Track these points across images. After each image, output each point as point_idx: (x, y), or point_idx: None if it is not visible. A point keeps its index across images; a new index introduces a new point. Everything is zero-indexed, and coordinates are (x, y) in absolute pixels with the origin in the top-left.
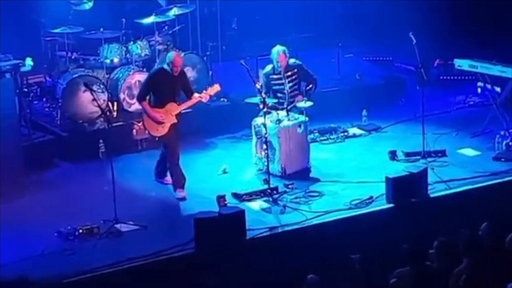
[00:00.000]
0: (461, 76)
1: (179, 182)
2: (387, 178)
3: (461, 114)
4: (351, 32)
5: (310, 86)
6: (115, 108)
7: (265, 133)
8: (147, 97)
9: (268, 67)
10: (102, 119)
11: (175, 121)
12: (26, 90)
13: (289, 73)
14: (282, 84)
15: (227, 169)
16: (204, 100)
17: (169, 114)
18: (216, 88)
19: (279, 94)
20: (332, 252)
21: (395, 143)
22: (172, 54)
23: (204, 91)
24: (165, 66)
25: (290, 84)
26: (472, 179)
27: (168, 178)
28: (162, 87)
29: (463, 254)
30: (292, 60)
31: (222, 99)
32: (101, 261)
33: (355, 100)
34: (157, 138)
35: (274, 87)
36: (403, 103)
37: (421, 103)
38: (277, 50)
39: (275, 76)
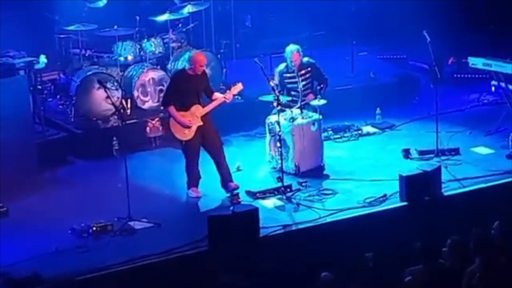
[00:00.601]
0: (475, 74)
1: (194, 181)
2: (400, 176)
3: (474, 113)
4: (365, 30)
5: (321, 85)
6: (129, 105)
7: (279, 131)
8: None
9: (282, 66)
10: (116, 117)
11: (201, 123)
12: (40, 87)
13: (303, 72)
14: (296, 82)
15: (241, 166)
16: (227, 101)
17: (195, 117)
18: (239, 87)
19: (292, 92)
20: (345, 250)
21: (409, 141)
22: (196, 54)
23: (227, 91)
24: (186, 67)
25: (304, 83)
26: (485, 178)
27: (232, 184)
28: (186, 89)
29: (474, 253)
30: (305, 59)
31: (236, 97)
32: (114, 259)
33: (369, 98)
34: (183, 142)
35: (288, 86)
36: (417, 101)
37: (435, 101)
38: (291, 49)
39: (288, 75)
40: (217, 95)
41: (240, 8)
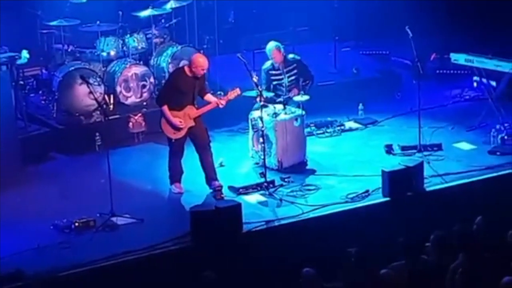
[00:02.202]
0: (457, 70)
1: (176, 176)
2: (383, 172)
3: (457, 108)
4: (348, 26)
5: (307, 82)
6: (111, 101)
7: (262, 127)
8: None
9: (268, 63)
10: (98, 112)
11: (193, 124)
12: (22, 82)
13: (289, 68)
14: (282, 79)
15: (224, 162)
16: (221, 106)
17: (187, 118)
18: (236, 92)
19: (278, 87)
20: (328, 245)
21: (391, 136)
22: (197, 57)
23: (222, 96)
24: (186, 68)
25: (290, 79)
26: (467, 173)
27: (216, 182)
28: (183, 88)
29: (458, 249)
30: (291, 55)
31: (218, 92)
32: (97, 254)
33: (352, 94)
34: (173, 140)
35: (274, 82)
36: (400, 97)
37: (417, 97)
38: (270, 47)
39: (275, 72)
40: (210, 97)
41: (223, 4)
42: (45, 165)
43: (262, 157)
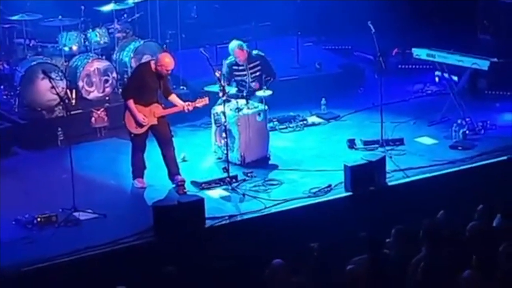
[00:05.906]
0: (419, 65)
1: (139, 171)
2: (345, 167)
3: (419, 103)
4: (310, 21)
5: (269, 78)
6: (73, 96)
7: (225, 122)
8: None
9: (232, 58)
10: (60, 107)
11: (156, 123)
12: None
13: (252, 65)
14: (245, 75)
15: (187, 157)
16: (186, 111)
17: (152, 116)
18: (205, 101)
19: (241, 83)
20: (291, 240)
21: (354, 131)
22: (163, 57)
23: (190, 102)
24: (152, 63)
25: (253, 76)
26: (429, 168)
27: (179, 177)
28: (148, 84)
29: (422, 242)
30: (255, 52)
31: (181, 87)
32: (59, 250)
33: (314, 89)
34: (132, 135)
35: (236, 78)
36: (362, 92)
37: (380, 91)
38: (232, 46)
39: (237, 67)
40: (175, 98)
41: None
42: (7, 160)
43: (225, 152)
